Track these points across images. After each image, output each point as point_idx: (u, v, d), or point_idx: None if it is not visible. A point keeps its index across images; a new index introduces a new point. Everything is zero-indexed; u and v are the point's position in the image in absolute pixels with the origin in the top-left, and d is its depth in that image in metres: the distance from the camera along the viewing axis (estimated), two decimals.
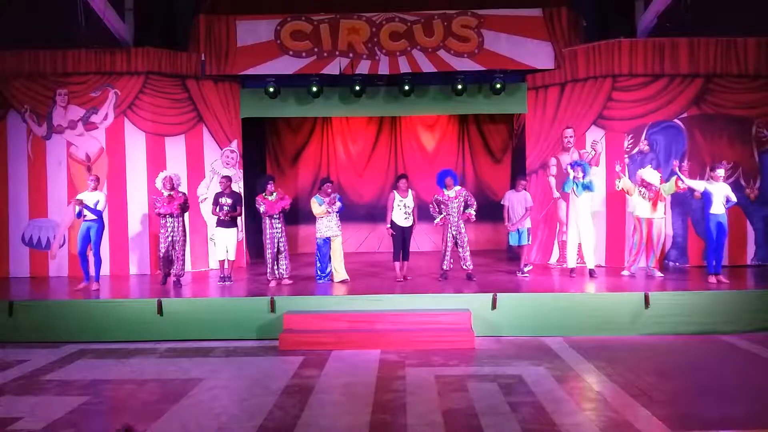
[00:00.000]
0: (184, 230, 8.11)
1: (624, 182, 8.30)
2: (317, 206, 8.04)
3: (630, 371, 5.46)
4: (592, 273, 8.24)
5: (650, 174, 8.25)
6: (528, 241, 8.51)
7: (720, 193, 7.62)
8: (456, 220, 8.00)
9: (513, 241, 8.51)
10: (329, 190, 8.07)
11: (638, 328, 6.82)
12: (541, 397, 4.81)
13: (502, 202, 8.54)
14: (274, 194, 7.93)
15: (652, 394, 4.80)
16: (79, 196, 7.98)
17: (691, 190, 8.11)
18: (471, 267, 8.13)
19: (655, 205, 8.21)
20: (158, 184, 8.08)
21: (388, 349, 6.26)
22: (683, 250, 9.47)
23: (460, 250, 8.07)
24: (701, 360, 5.86)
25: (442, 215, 8.05)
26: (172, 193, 7.91)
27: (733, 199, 7.78)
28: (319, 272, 8.33)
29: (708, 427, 4.19)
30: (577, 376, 5.36)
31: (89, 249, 8.03)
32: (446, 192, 8.05)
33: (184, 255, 8.13)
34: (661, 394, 4.82)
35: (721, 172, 7.74)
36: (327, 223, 8.06)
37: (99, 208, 7.99)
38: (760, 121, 9.42)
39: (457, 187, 8.08)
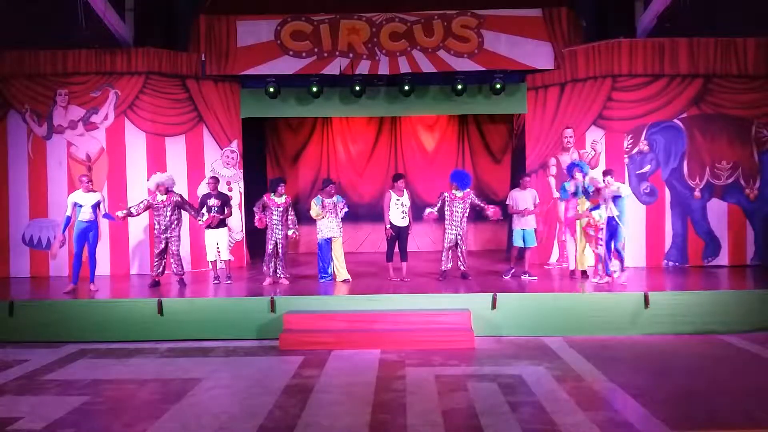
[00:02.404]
0: (179, 228, 7.97)
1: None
2: (315, 208, 8.03)
3: (630, 371, 5.46)
4: (584, 273, 8.12)
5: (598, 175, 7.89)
6: (534, 242, 8.32)
7: (609, 197, 7.41)
8: (459, 221, 7.95)
9: (517, 242, 8.25)
10: (332, 192, 8.09)
11: (638, 328, 6.82)
12: (541, 397, 4.81)
13: (507, 202, 8.38)
14: (284, 196, 7.96)
15: (652, 394, 4.81)
16: (73, 197, 7.74)
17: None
18: (467, 266, 8.17)
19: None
20: (153, 187, 7.92)
21: (388, 349, 6.26)
22: (683, 250, 9.48)
23: (459, 250, 8.06)
24: (701, 360, 5.86)
25: (434, 210, 7.91)
26: (165, 197, 7.80)
27: (623, 193, 7.41)
28: (321, 272, 8.32)
29: (707, 426, 4.20)
30: (577, 376, 5.35)
31: (85, 251, 7.88)
32: (455, 192, 7.98)
33: (179, 253, 8.00)
34: (661, 394, 4.82)
35: (610, 180, 7.38)
36: (328, 224, 8.06)
37: (102, 208, 7.92)
38: (759, 122, 9.42)
39: (467, 189, 8.03)
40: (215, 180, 8.44)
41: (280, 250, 7.98)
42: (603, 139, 9.63)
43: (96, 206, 7.81)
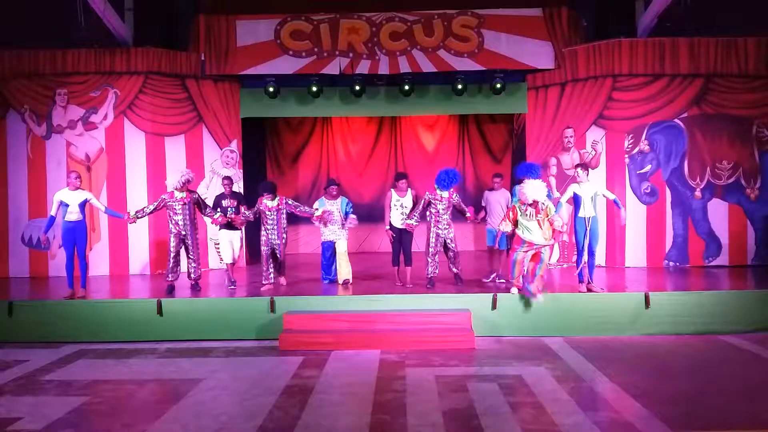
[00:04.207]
0: (197, 228, 7.69)
1: (505, 226, 6.94)
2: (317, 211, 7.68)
3: (630, 371, 5.45)
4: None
5: (536, 190, 6.75)
6: (505, 246, 7.67)
7: (588, 195, 7.00)
8: (445, 222, 7.40)
9: (490, 241, 7.91)
10: (334, 192, 7.83)
11: (638, 328, 6.81)
12: (541, 397, 4.80)
13: (482, 204, 7.96)
14: (276, 199, 7.54)
15: (652, 395, 4.80)
16: (59, 195, 7.38)
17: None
18: (461, 270, 7.70)
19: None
20: (176, 183, 7.42)
21: (388, 349, 6.25)
22: (683, 250, 9.46)
23: (450, 253, 7.54)
24: (701, 360, 5.85)
25: (414, 220, 7.39)
26: (185, 194, 7.47)
27: (610, 196, 7.17)
28: (323, 275, 8.13)
29: (708, 427, 4.19)
30: (577, 376, 5.35)
31: (75, 253, 7.48)
32: (439, 192, 7.43)
33: (198, 255, 7.71)
34: (662, 394, 4.81)
35: (584, 174, 7.02)
36: (331, 227, 7.79)
37: (99, 204, 7.63)
38: (760, 121, 9.41)
39: (451, 189, 7.46)
40: (230, 180, 8.05)
41: (278, 255, 7.65)
42: (603, 138, 9.62)
43: (83, 205, 7.39)
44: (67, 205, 7.38)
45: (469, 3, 9.96)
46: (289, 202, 7.72)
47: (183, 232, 7.52)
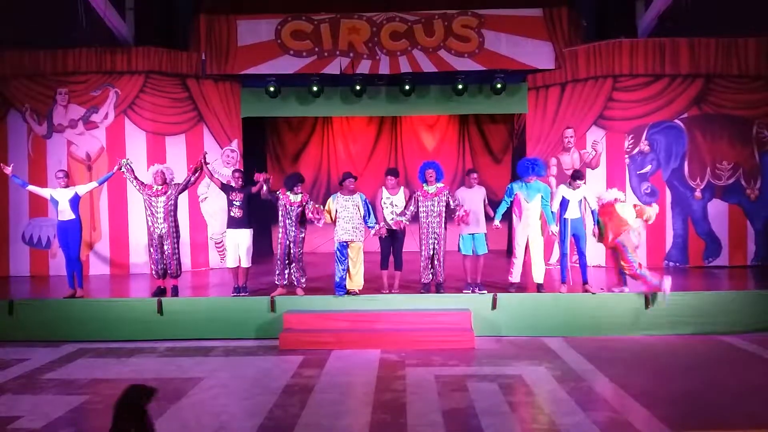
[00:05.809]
0: (176, 223, 7.22)
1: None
2: (329, 209, 7.05)
3: (630, 371, 5.46)
4: (540, 288, 7.16)
5: (628, 210, 6.91)
6: (485, 249, 7.23)
7: (576, 199, 7.02)
8: (435, 223, 6.95)
9: (466, 249, 7.14)
10: (351, 187, 6.99)
11: (638, 328, 6.81)
12: (541, 397, 4.81)
13: (454, 203, 7.16)
14: (300, 195, 7.06)
15: (652, 394, 4.80)
16: (50, 189, 7.35)
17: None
18: (443, 279, 7.18)
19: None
20: (151, 180, 7.29)
21: (388, 349, 6.25)
22: (683, 251, 9.47)
23: (435, 259, 7.04)
24: (701, 360, 5.85)
25: (406, 218, 6.97)
26: (162, 187, 7.11)
27: (592, 206, 7.07)
28: (336, 283, 7.09)
29: (708, 427, 4.19)
30: (577, 376, 5.35)
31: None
32: (426, 188, 7.02)
33: (178, 255, 7.24)
34: (661, 394, 4.82)
35: (580, 183, 7.04)
36: (344, 225, 6.91)
37: (92, 190, 7.52)
38: (760, 122, 9.42)
39: (440, 184, 7.03)
40: (240, 173, 7.45)
41: (294, 255, 7.13)
42: (604, 139, 9.62)
43: (75, 202, 7.19)
44: (57, 202, 7.21)
45: (470, 3, 9.96)
46: (309, 203, 7.08)
47: (159, 228, 7.09)
